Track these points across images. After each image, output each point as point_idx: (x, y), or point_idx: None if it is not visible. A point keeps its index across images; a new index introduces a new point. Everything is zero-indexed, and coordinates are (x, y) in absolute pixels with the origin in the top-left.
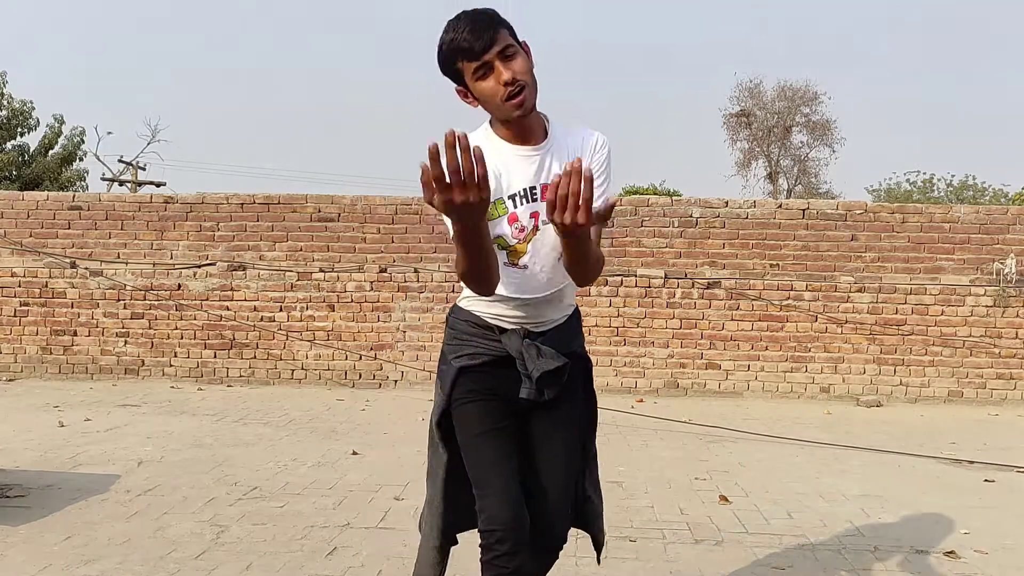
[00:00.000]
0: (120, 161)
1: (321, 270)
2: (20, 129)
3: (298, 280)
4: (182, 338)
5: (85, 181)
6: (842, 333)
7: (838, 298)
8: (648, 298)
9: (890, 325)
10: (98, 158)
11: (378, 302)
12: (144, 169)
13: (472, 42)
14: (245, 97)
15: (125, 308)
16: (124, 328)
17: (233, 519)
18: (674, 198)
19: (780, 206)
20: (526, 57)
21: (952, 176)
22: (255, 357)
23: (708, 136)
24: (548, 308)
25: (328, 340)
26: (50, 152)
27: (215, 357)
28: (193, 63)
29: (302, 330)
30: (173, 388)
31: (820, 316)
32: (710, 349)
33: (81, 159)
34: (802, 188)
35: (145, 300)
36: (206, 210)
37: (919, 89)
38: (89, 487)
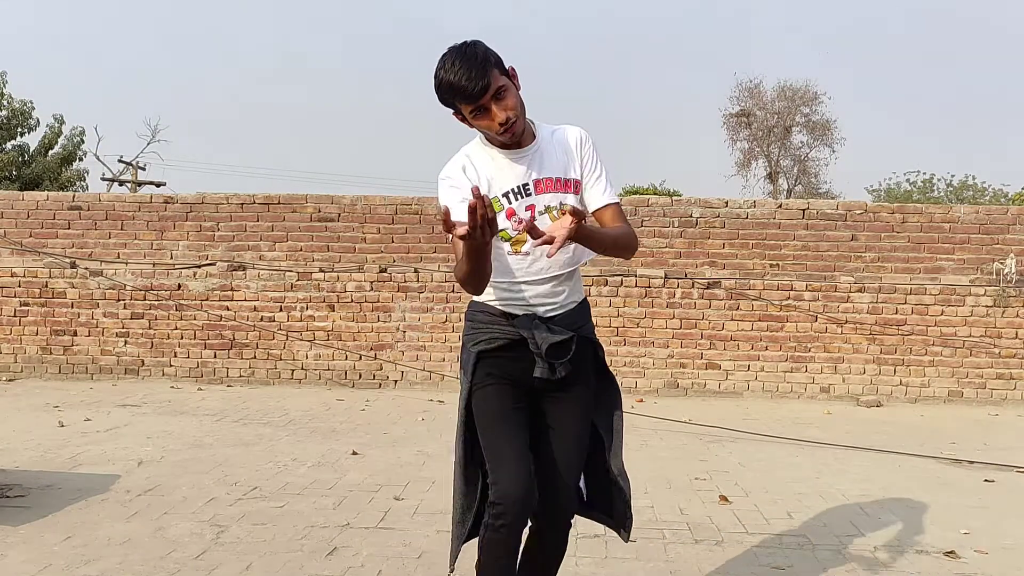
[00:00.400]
0: (120, 161)
1: (321, 270)
2: (20, 129)
3: (298, 280)
4: (182, 338)
5: (85, 181)
6: (842, 333)
7: (838, 298)
8: (648, 298)
9: (890, 325)
10: (98, 158)
11: (378, 302)
12: (144, 169)
13: (468, 88)
14: (246, 97)
15: (125, 308)
16: (124, 328)
17: (233, 519)
18: (674, 198)
19: (780, 206)
20: (515, 89)
21: (952, 176)
22: (255, 357)
23: (708, 136)
24: (554, 292)
25: (328, 340)
26: (50, 152)
27: (215, 357)
28: (194, 63)
29: (302, 330)
30: (173, 388)
31: (820, 316)
32: (710, 349)
33: (81, 159)
34: (802, 188)
35: (145, 300)
36: (206, 210)
37: (919, 89)
38: (89, 487)
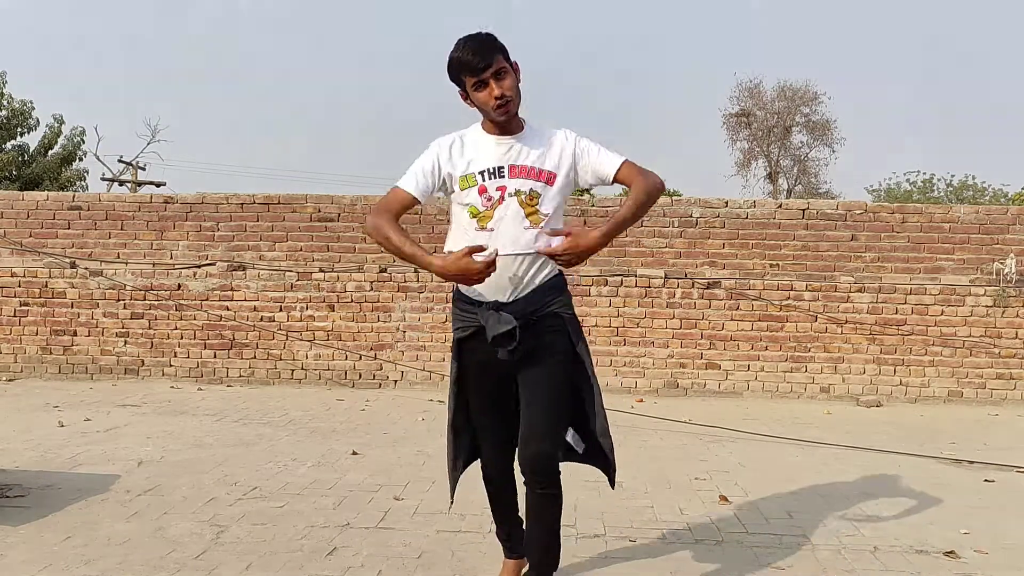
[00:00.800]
0: (120, 161)
1: (321, 270)
2: (20, 129)
3: (298, 280)
4: (182, 338)
5: (85, 181)
6: (842, 333)
7: (838, 298)
8: (648, 298)
9: (890, 325)
10: (98, 158)
11: (378, 302)
12: (144, 169)
13: (474, 63)
14: (245, 97)
15: (125, 308)
16: (124, 328)
17: (233, 519)
18: (674, 198)
19: (780, 206)
20: (514, 76)
21: (952, 176)
22: (255, 357)
23: (708, 136)
24: (517, 271)
25: (328, 340)
26: (50, 152)
27: (215, 357)
28: (193, 63)
29: (302, 330)
30: (173, 388)
31: (820, 316)
32: (710, 349)
33: (81, 159)
34: (802, 188)
35: (145, 300)
36: (206, 210)
37: (919, 89)
38: (89, 487)
